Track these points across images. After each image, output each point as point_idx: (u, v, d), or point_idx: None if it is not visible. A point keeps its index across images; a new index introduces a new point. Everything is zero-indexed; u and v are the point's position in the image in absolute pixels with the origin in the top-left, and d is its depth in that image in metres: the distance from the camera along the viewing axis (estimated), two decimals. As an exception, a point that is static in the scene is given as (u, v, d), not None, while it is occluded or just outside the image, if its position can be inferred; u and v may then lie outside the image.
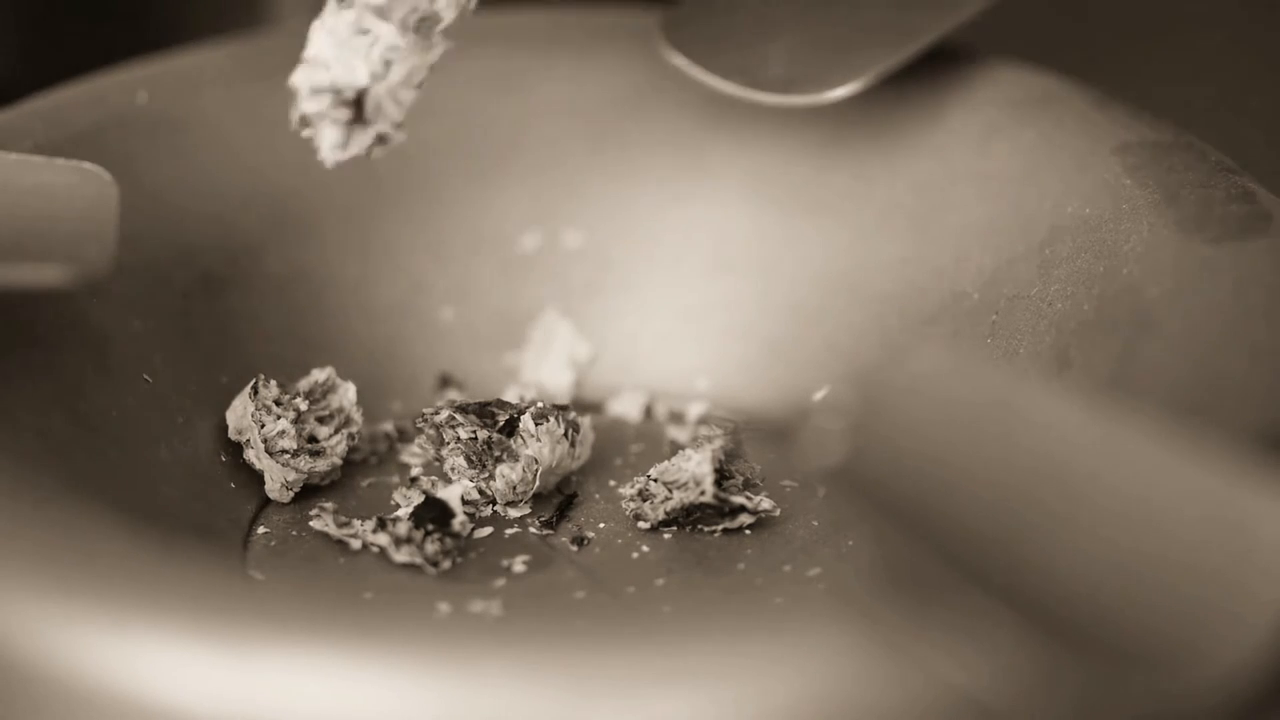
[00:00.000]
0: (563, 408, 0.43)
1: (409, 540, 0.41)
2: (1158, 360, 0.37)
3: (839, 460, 0.31)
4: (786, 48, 0.47)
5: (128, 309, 0.44)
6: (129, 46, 0.55)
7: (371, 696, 0.29)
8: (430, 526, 0.41)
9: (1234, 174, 0.42)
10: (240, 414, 0.43)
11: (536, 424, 0.42)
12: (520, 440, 0.43)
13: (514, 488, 0.43)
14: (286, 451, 0.43)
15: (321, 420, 0.44)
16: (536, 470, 0.43)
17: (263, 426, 0.43)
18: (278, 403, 0.43)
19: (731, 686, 0.29)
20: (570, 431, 0.43)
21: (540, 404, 0.43)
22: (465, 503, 0.42)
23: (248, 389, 0.43)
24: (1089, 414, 0.32)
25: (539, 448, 0.42)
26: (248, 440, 0.43)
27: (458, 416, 0.43)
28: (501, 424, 0.43)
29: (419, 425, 0.43)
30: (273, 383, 0.43)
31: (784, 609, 0.32)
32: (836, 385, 0.45)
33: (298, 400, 0.43)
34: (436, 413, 0.43)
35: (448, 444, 0.43)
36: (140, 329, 0.44)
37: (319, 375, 0.44)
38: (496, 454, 0.42)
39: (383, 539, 0.41)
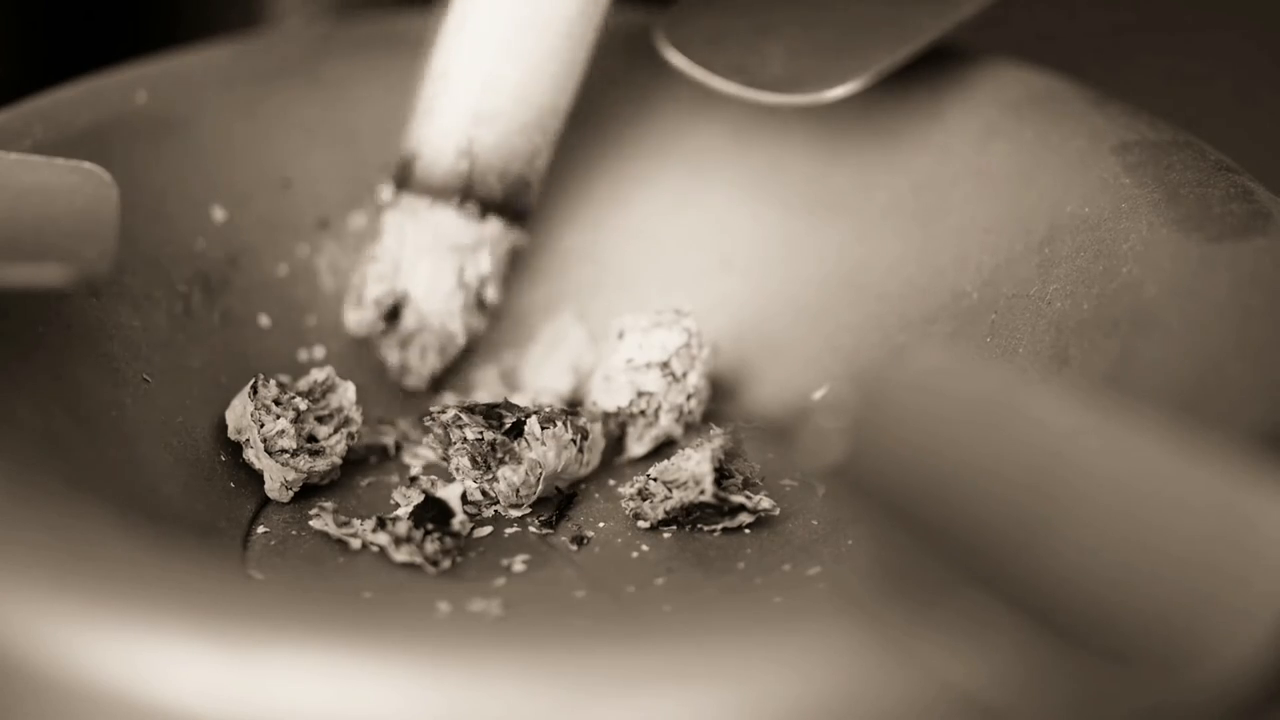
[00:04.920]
0: (572, 413, 0.43)
1: (409, 540, 0.41)
2: (1156, 359, 0.37)
3: (839, 460, 0.31)
4: (786, 47, 0.47)
5: (128, 308, 0.44)
6: (129, 46, 0.55)
7: (371, 696, 0.29)
8: (430, 526, 0.41)
9: (1233, 173, 0.42)
10: (239, 414, 0.43)
11: (543, 428, 0.42)
12: (525, 443, 0.42)
13: (516, 490, 0.43)
14: (286, 451, 0.43)
15: (321, 420, 0.44)
16: (540, 474, 0.42)
17: (262, 426, 0.43)
18: (277, 402, 0.43)
19: (731, 686, 0.29)
20: (579, 438, 0.43)
21: (549, 408, 0.43)
22: (468, 503, 0.42)
23: (247, 389, 0.43)
24: (1088, 413, 0.32)
25: (543, 451, 0.42)
26: (247, 440, 0.43)
27: (464, 417, 0.43)
28: (508, 426, 0.43)
29: (427, 424, 0.43)
30: (272, 382, 0.43)
31: (784, 609, 0.32)
32: (836, 385, 0.45)
33: (297, 400, 0.43)
34: (443, 412, 0.43)
35: (454, 444, 0.43)
36: (140, 329, 0.44)
37: (318, 375, 0.44)
38: (500, 456, 0.42)
39: (382, 538, 0.41)
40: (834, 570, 0.40)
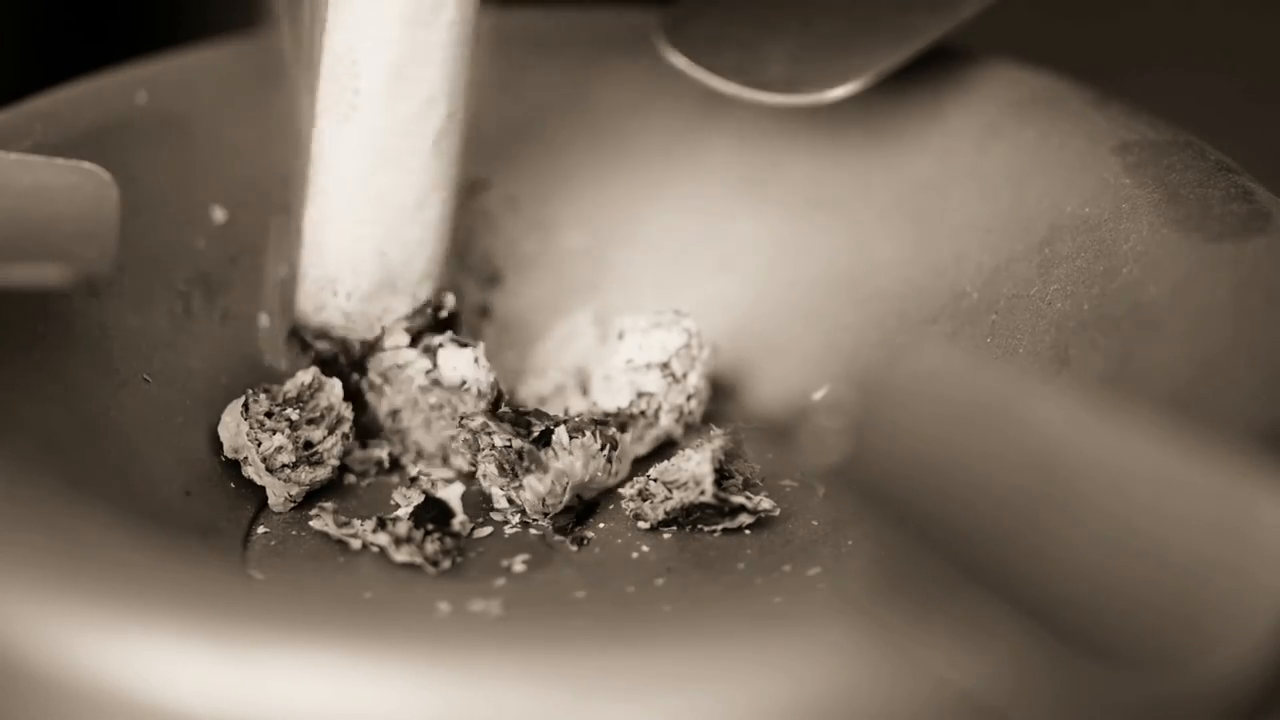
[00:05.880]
0: (602, 422, 0.43)
1: (409, 540, 0.41)
2: (1157, 359, 0.37)
3: (839, 460, 0.31)
4: (786, 48, 0.47)
5: (128, 308, 0.44)
6: (129, 46, 0.55)
7: (371, 696, 0.29)
8: (430, 526, 0.41)
9: (1233, 173, 0.42)
10: (234, 432, 0.43)
11: (571, 438, 0.42)
12: (552, 453, 0.42)
13: (543, 500, 0.42)
14: (286, 466, 0.43)
15: (312, 422, 0.44)
16: (566, 484, 0.42)
17: (259, 445, 0.43)
18: (269, 414, 0.43)
19: (731, 686, 0.29)
20: (608, 448, 0.43)
21: (578, 417, 0.43)
22: (495, 510, 0.42)
23: (238, 406, 0.43)
24: (1088, 413, 0.32)
25: (570, 461, 0.42)
26: (245, 458, 0.43)
27: (492, 424, 0.42)
28: (536, 435, 0.42)
29: (456, 431, 0.43)
30: (262, 396, 0.43)
31: (784, 609, 0.32)
32: (836, 385, 0.45)
33: (289, 411, 0.43)
34: (472, 419, 0.43)
35: (482, 450, 0.43)
36: (140, 329, 0.44)
37: (304, 377, 0.44)
38: (527, 465, 0.42)
39: (383, 539, 0.41)
40: (834, 571, 0.40)
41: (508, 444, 0.42)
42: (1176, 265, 0.39)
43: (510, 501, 0.43)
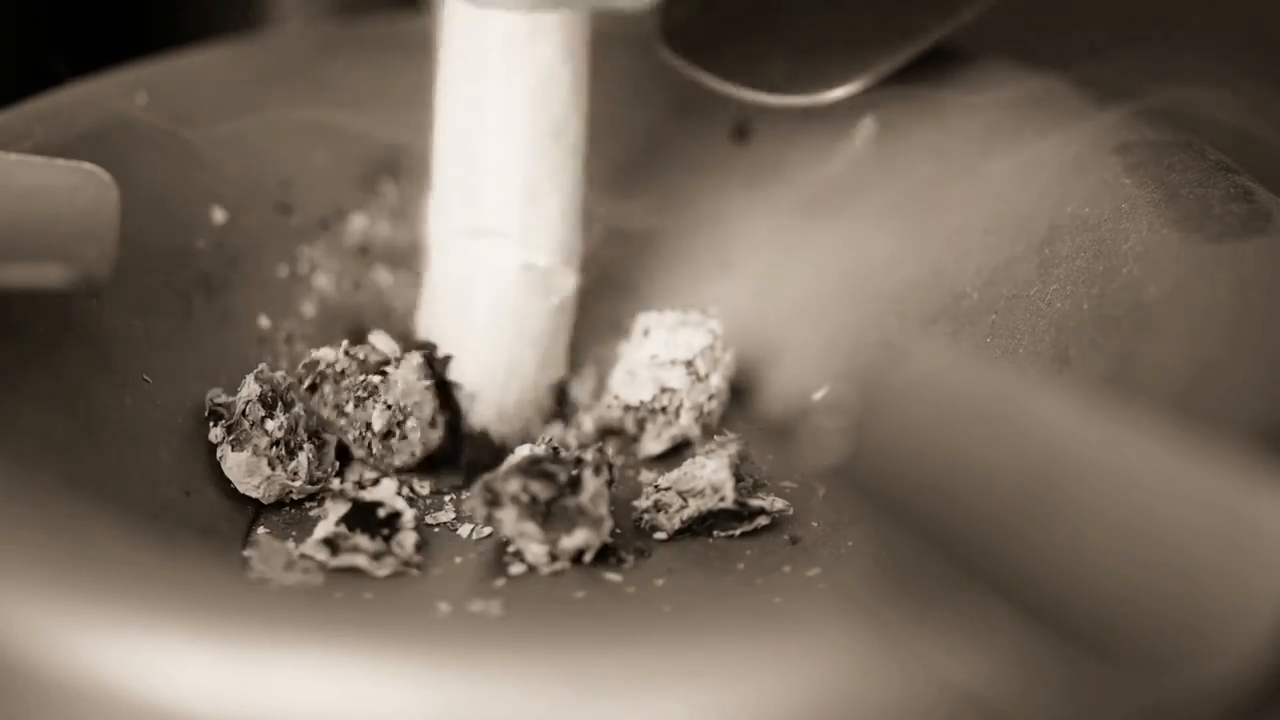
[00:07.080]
0: (600, 450, 0.42)
1: (341, 545, 0.40)
2: (1157, 359, 0.37)
3: (839, 460, 0.31)
4: (786, 47, 0.47)
5: (128, 309, 0.44)
6: (129, 47, 0.55)
7: (372, 696, 0.29)
8: (385, 530, 0.40)
9: (1233, 173, 0.42)
10: (249, 470, 0.42)
11: (596, 475, 0.40)
12: (591, 504, 0.40)
13: (582, 552, 0.41)
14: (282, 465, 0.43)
15: (293, 431, 0.43)
16: (605, 533, 0.41)
17: (273, 470, 0.43)
18: (268, 434, 0.43)
19: (731, 686, 0.29)
20: (608, 471, 0.41)
21: (591, 456, 0.41)
22: (528, 562, 0.41)
23: (247, 451, 0.42)
24: (1088, 413, 0.32)
25: (605, 507, 0.41)
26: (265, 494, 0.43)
27: (527, 480, 0.40)
28: (565, 482, 0.40)
29: (477, 491, 0.41)
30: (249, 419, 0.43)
31: (784, 609, 0.32)
32: (836, 385, 0.45)
33: (278, 419, 0.43)
34: (503, 479, 0.40)
35: (506, 506, 0.40)
36: (140, 329, 0.44)
37: (277, 375, 0.44)
38: (569, 519, 0.40)
39: (359, 560, 0.40)
40: (834, 571, 0.40)
41: (535, 498, 0.40)
42: (1176, 265, 0.39)
43: (551, 556, 0.40)
